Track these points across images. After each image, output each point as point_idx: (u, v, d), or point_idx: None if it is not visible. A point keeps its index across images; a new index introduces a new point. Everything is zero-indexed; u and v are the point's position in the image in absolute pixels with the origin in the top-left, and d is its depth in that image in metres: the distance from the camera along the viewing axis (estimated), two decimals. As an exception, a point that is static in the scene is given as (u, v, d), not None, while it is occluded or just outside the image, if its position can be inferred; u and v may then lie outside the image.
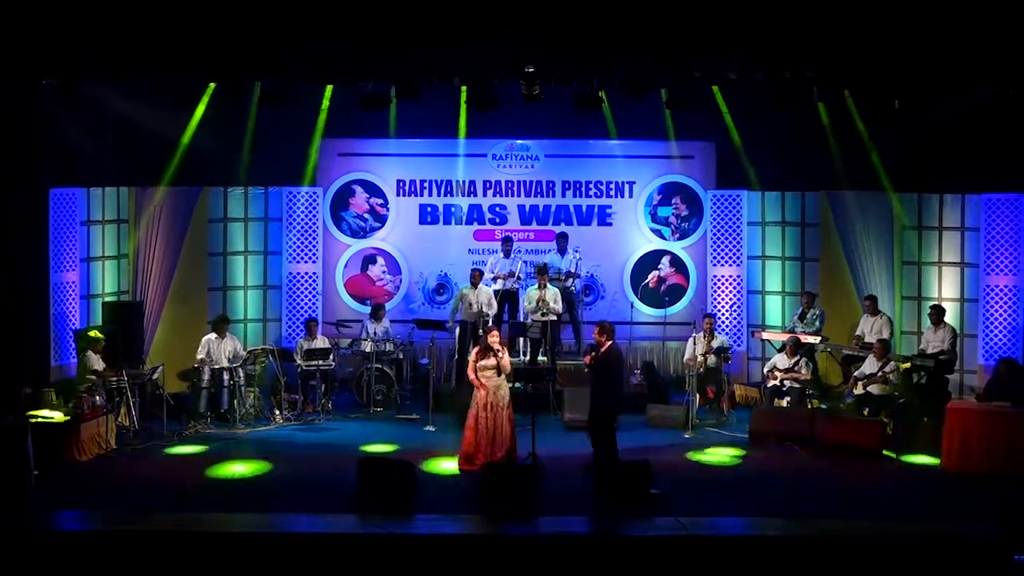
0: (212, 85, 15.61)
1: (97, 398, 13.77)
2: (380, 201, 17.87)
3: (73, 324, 15.65)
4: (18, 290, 14.85)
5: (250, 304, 17.44)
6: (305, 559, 10.34)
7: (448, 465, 12.99)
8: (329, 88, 16.48)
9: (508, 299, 16.69)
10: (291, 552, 10.42)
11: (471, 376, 12.97)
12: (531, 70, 14.89)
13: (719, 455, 13.69)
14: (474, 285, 16.16)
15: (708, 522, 11.20)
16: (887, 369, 14.49)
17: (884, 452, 13.54)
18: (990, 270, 16.09)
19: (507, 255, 16.86)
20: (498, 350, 12.90)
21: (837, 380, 16.20)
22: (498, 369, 12.88)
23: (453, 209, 17.88)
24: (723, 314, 17.29)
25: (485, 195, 17.87)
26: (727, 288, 17.49)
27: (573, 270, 16.72)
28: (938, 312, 15.54)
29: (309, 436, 14.52)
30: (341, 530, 10.94)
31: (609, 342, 12.40)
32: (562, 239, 16.99)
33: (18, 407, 13.16)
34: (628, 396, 14.41)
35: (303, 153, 17.35)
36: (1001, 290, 16.04)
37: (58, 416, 13.08)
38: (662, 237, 17.88)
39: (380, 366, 15.81)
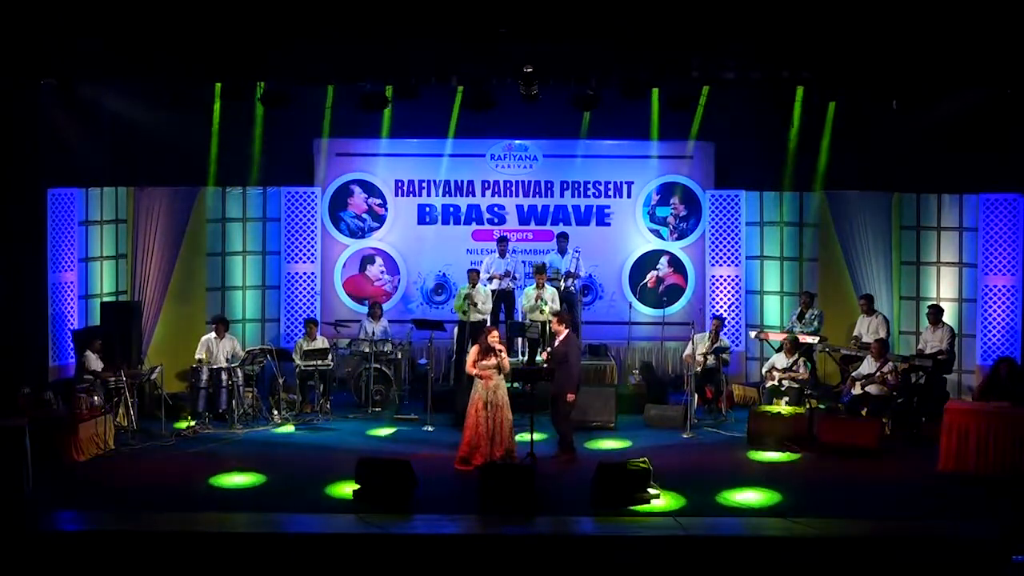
0: (219, 85, 15.60)
1: (95, 398, 13.78)
2: (378, 201, 17.86)
3: (71, 324, 15.65)
4: (16, 290, 14.85)
5: (248, 304, 17.43)
6: (304, 559, 10.34)
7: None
8: (331, 88, 16.49)
9: (504, 299, 16.70)
10: (291, 552, 10.42)
11: (470, 370, 13.02)
12: (529, 70, 14.90)
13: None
14: (472, 285, 16.20)
15: (705, 522, 11.20)
16: (885, 369, 14.49)
17: (881, 452, 13.55)
18: (988, 270, 16.10)
19: (502, 255, 16.86)
20: (499, 350, 12.92)
21: (836, 380, 16.22)
22: (498, 368, 12.89)
23: (451, 209, 17.89)
24: (722, 314, 17.27)
25: (484, 195, 17.87)
26: (726, 288, 17.50)
27: (573, 270, 16.72)
28: (936, 312, 15.55)
29: (307, 436, 14.52)
30: (340, 530, 10.94)
31: (567, 330, 13.39)
32: (562, 239, 16.99)
33: (16, 407, 13.16)
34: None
35: (303, 153, 17.40)
36: (999, 290, 16.05)
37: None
38: (660, 237, 17.88)
39: (378, 366, 15.80)
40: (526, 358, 16.26)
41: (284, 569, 10.31)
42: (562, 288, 16.44)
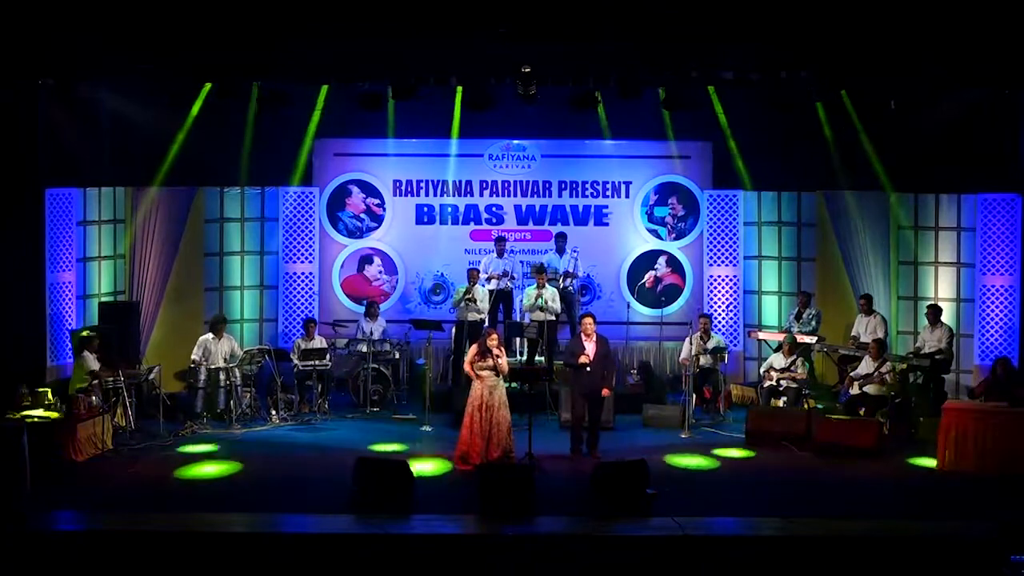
0: (208, 85, 15.58)
1: (93, 398, 13.78)
2: (377, 201, 17.86)
3: (69, 324, 15.65)
4: (14, 290, 14.85)
5: (246, 304, 17.43)
6: (303, 559, 10.34)
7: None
8: (324, 88, 16.47)
9: (503, 299, 16.70)
10: (289, 552, 10.42)
11: (467, 369, 13.04)
12: (527, 70, 14.90)
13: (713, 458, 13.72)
14: (472, 283, 16.21)
15: (704, 522, 11.20)
16: (883, 369, 14.51)
17: (880, 452, 13.56)
18: (986, 270, 16.11)
19: (500, 255, 16.86)
20: (497, 353, 12.92)
21: (833, 380, 16.22)
22: (495, 370, 12.90)
23: (450, 209, 17.88)
24: (720, 314, 17.31)
25: (482, 195, 17.87)
26: (724, 288, 17.51)
27: (571, 270, 16.72)
28: (935, 312, 15.57)
29: (306, 436, 14.51)
30: (339, 530, 10.93)
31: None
32: (560, 239, 16.99)
33: (14, 406, 13.16)
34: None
35: (299, 153, 17.42)
36: (997, 290, 16.06)
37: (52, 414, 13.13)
38: (658, 237, 17.88)
39: (377, 366, 15.80)
40: (525, 358, 16.26)
41: (282, 569, 10.30)
42: (560, 288, 16.44)
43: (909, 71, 14.74)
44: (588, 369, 13.39)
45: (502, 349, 13.10)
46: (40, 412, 13.19)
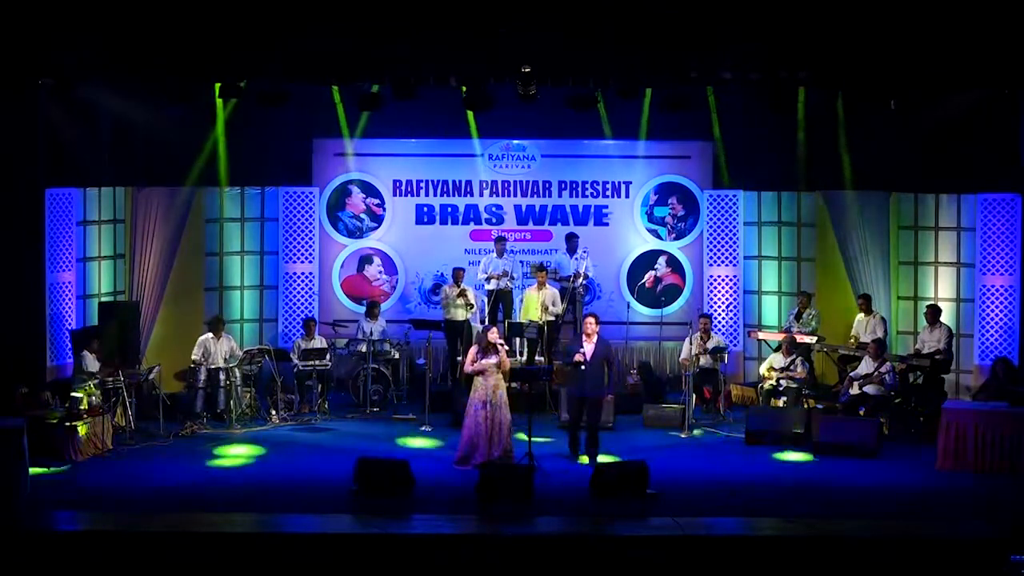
0: (218, 85, 15.59)
1: (93, 398, 13.77)
2: (376, 201, 17.85)
3: (69, 324, 15.63)
4: (14, 290, 14.82)
5: (246, 304, 17.42)
6: (303, 559, 10.34)
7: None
8: (335, 88, 16.49)
9: (502, 299, 16.70)
10: (289, 552, 10.41)
11: (468, 369, 13.00)
12: (527, 70, 14.90)
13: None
14: (457, 283, 16.26)
15: (704, 522, 11.21)
16: (883, 369, 14.51)
17: (880, 452, 13.57)
18: (986, 270, 16.10)
19: (500, 255, 16.87)
20: (501, 344, 12.92)
21: (833, 380, 16.22)
22: (498, 366, 12.88)
23: (450, 209, 17.88)
24: (719, 314, 17.29)
25: (481, 195, 17.87)
26: (723, 288, 17.50)
27: (582, 271, 16.72)
28: (934, 312, 15.57)
29: (305, 436, 14.51)
30: (339, 530, 10.94)
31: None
32: (572, 239, 17.01)
33: (14, 407, 13.16)
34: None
35: (301, 153, 17.41)
36: (997, 290, 16.05)
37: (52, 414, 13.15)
38: (658, 237, 17.88)
39: (376, 366, 15.80)
40: (525, 358, 16.26)
41: (282, 569, 10.29)
42: (571, 288, 16.43)
43: (909, 71, 14.73)
44: (584, 368, 13.30)
45: (504, 345, 13.10)
46: (40, 412, 13.19)
